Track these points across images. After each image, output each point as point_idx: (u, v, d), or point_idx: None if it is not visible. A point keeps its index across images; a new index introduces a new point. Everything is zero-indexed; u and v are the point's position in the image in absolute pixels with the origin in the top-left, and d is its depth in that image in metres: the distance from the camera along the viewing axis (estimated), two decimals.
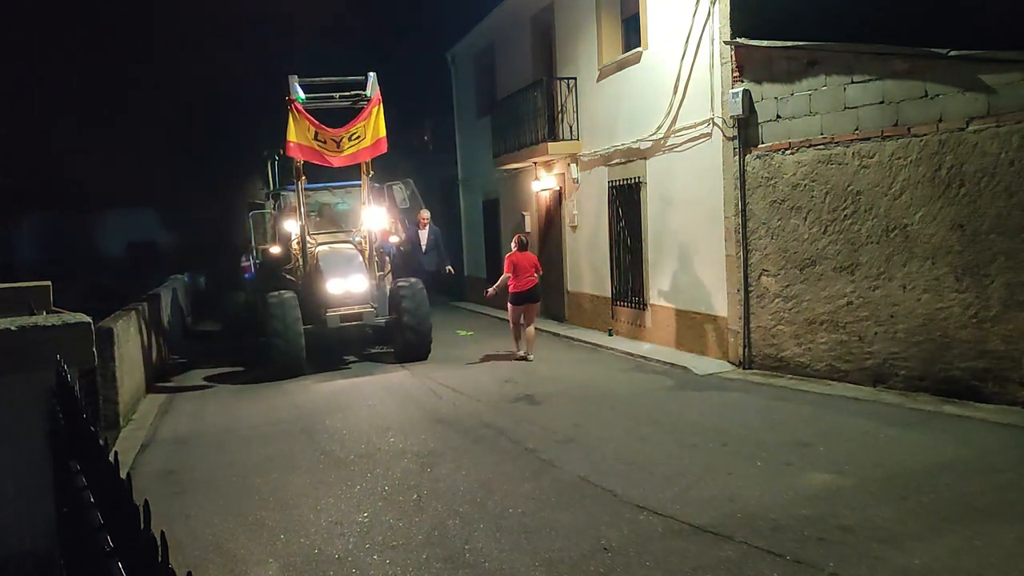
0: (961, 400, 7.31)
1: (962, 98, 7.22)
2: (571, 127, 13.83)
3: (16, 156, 27.66)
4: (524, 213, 16.20)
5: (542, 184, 15.27)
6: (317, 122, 10.80)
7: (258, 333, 12.31)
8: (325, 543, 5.08)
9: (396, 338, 11.93)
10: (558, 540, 4.86)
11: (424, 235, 14.78)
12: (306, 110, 10.86)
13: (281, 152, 14.19)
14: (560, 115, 14.09)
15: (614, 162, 12.60)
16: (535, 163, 15.08)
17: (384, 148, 11.08)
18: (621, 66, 12.27)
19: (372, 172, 11.68)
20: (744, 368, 9.59)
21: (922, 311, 7.69)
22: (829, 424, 7.08)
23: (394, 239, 13.51)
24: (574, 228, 14.21)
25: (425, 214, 14.84)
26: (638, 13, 11.68)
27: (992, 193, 7.02)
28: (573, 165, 13.99)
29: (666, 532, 4.87)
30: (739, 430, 7.04)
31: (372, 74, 11.18)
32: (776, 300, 9.23)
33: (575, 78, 13.71)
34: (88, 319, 3.28)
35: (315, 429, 8.14)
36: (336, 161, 10.99)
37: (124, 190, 29.17)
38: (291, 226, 12.44)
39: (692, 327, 10.80)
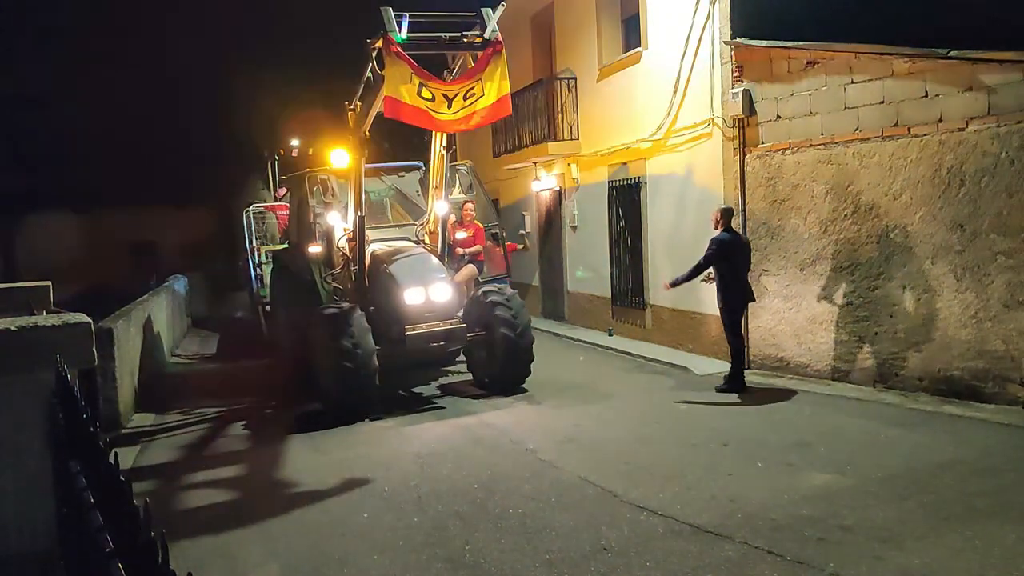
0: (961, 400, 7.30)
1: (962, 98, 7.22)
2: (571, 127, 13.82)
3: (16, 155, 27.68)
4: (524, 213, 16.18)
5: (542, 184, 15.26)
6: (424, 71, 7.74)
7: (304, 358, 9.28)
8: (325, 543, 5.08)
9: (481, 359, 9.55)
10: (558, 540, 4.85)
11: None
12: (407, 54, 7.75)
13: (282, 152, 13.69)
14: (560, 115, 14.07)
15: (614, 162, 12.60)
16: (535, 163, 15.07)
17: (508, 109, 8.27)
18: (621, 66, 12.27)
19: (453, 147, 9.50)
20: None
21: (922, 311, 7.69)
22: (829, 424, 7.07)
23: (460, 234, 10.55)
24: (574, 228, 14.21)
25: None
26: (638, 13, 11.68)
27: (992, 193, 7.02)
28: (573, 165, 13.98)
29: (666, 532, 4.87)
30: (739, 430, 7.04)
31: (496, 11, 8.05)
32: (776, 300, 9.22)
33: (575, 78, 13.70)
34: (88, 319, 3.28)
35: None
36: (448, 124, 8.21)
37: (125, 190, 29.18)
38: (335, 220, 9.96)
39: (692, 327, 10.79)
